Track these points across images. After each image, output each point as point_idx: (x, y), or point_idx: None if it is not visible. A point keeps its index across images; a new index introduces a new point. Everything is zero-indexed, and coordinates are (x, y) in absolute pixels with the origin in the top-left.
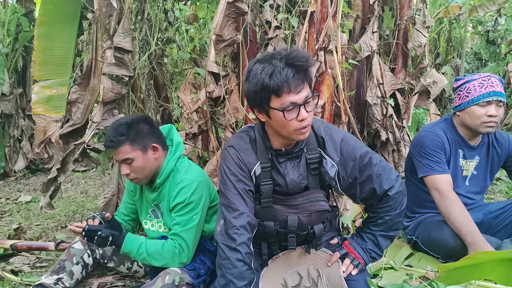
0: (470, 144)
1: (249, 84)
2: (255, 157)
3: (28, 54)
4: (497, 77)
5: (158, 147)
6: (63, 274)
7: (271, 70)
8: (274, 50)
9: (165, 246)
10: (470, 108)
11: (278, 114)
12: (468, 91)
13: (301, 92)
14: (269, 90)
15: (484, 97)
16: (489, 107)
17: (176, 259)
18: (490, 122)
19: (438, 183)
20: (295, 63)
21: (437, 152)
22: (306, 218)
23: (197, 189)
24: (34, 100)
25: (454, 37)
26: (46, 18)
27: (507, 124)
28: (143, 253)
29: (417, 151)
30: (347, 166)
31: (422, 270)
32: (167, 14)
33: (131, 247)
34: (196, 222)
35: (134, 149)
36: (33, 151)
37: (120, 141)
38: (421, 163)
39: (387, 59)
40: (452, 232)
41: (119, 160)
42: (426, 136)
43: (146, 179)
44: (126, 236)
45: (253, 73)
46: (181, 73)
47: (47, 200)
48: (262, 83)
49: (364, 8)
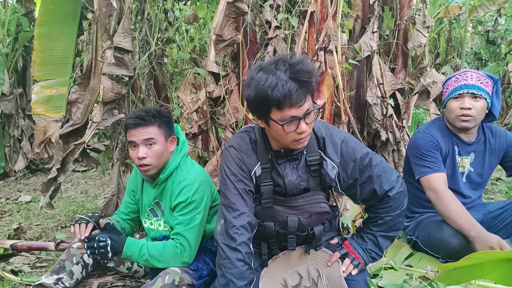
0: (465, 141)
1: (250, 92)
2: (256, 158)
3: (28, 54)
4: (476, 72)
5: (175, 140)
6: (63, 274)
7: (275, 83)
8: (278, 55)
9: (166, 247)
10: (447, 103)
11: (277, 125)
12: (447, 87)
13: (303, 105)
14: (270, 102)
15: (456, 90)
16: (462, 99)
17: (178, 259)
18: (463, 116)
19: (432, 183)
20: (299, 77)
21: (432, 152)
22: (306, 220)
23: (199, 189)
24: (34, 100)
25: (454, 37)
26: (46, 18)
27: (507, 124)
28: (145, 254)
29: (413, 153)
30: (348, 167)
31: (422, 270)
32: (167, 14)
33: (132, 249)
34: (198, 221)
35: (160, 133)
36: (33, 151)
37: (151, 121)
38: (416, 165)
39: (387, 59)
40: (452, 232)
41: (141, 140)
42: (420, 138)
43: (157, 168)
44: (126, 240)
45: (255, 81)
46: (181, 73)
47: (47, 200)
48: (264, 94)
49: (364, 8)
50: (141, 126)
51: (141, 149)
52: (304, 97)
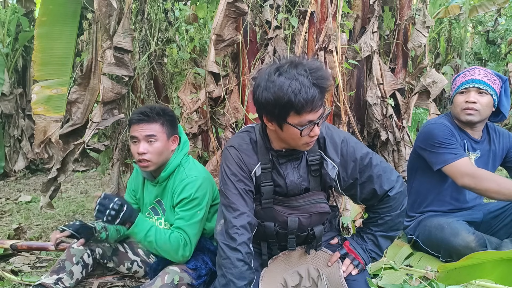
0: (473, 138)
1: (267, 94)
2: (256, 158)
3: (28, 54)
4: (485, 69)
5: (177, 140)
6: (63, 274)
7: (298, 88)
8: (278, 55)
9: (172, 237)
10: (454, 98)
11: (293, 129)
12: (455, 83)
13: (319, 110)
14: (291, 107)
15: (463, 84)
16: (467, 94)
17: (180, 252)
18: (468, 109)
19: (463, 168)
20: (321, 84)
21: (450, 139)
22: (307, 220)
23: (201, 186)
24: (34, 100)
25: (454, 37)
26: (46, 18)
27: (507, 124)
28: (151, 236)
29: (429, 144)
30: (348, 167)
31: (422, 270)
32: (167, 14)
33: (141, 227)
34: (200, 217)
35: (162, 131)
36: (33, 151)
37: (155, 118)
38: (436, 154)
39: (387, 59)
40: (453, 231)
41: (142, 135)
42: (436, 128)
43: (156, 165)
44: (139, 215)
45: (277, 86)
46: (181, 73)
47: (47, 200)
48: (287, 99)
49: (364, 8)
50: (144, 122)
51: (142, 145)
52: (321, 102)
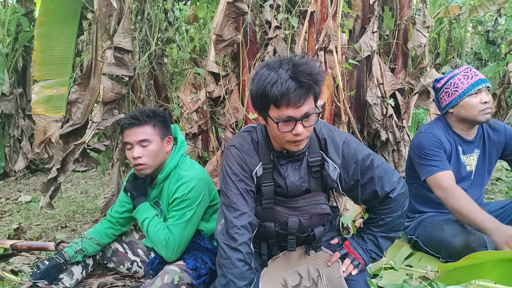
0: (467, 139)
1: (253, 87)
2: (257, 158)
3: (28, 54)
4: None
5: (172, 140)
6: (63, 274)
7: (274, 80)
8: (278, 55)
9: (159, 233)
10: (463, 101)
11: (274, 123)
12: (455, 86)
13: (302, 107)
14: (268, 98)
15: (474, 86)
16: (480, 94)
17: (162, 249)
18: (487, 109)
19: (440, 181)
20: (299, 77)
21: (436, 151)
22: (307, 221)
23: (195, 187)
24: (34, 100)
25: (454, 37)
26: (46, 18)
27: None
28: (144, 227)
29: (417, 154)
30: (349, 168)
31: (422, 270)
32: (167, 14)
33: (138, 215)
34: (187, 218)
35: (155, 133)
36: (33, 151)
37: (146, 120)
38: (422, 165)
39: (387, 59)
40: (453, 231)
41: (135, 141)
42: (423, 138)
43: (152, 168)
44: (140, 205)
45: (258, 76)
46: (181, 73)
47: (47, 200)
48: (263, 90)
49: (364, 8)
50: (135, 126)
51: (136, 149)
52: (303, 98)
